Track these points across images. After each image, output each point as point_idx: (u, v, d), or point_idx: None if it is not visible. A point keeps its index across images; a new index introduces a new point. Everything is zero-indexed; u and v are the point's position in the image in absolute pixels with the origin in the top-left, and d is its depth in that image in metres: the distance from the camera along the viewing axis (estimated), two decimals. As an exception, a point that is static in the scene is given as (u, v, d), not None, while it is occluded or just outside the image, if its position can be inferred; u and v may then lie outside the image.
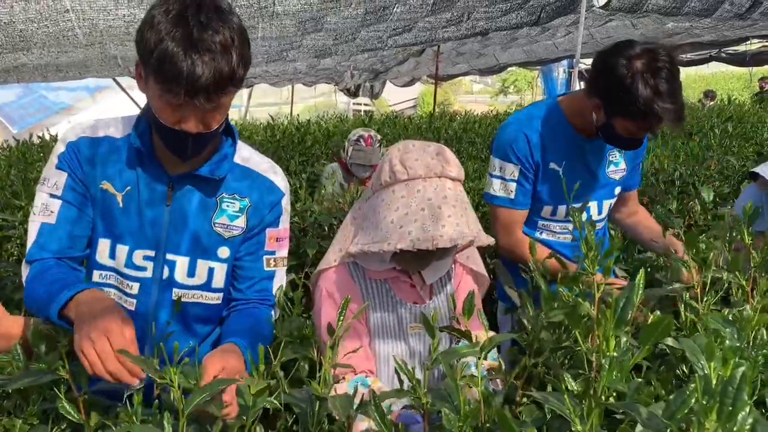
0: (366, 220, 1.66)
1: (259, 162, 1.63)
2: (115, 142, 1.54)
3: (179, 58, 1.26)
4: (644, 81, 1.86)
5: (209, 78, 1.27)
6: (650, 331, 0.78)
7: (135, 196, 1.53)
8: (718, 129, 4.28)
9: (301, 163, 5.39)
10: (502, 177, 2.21)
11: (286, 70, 10.81)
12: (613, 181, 2.30)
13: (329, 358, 1.09)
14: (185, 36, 1.27)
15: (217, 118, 1.40)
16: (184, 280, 1.57)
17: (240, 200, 1.58)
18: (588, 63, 11.99)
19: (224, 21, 1.32)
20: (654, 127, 1.95)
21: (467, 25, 7.19)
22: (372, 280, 1.70)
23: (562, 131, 2.19)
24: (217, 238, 1.57)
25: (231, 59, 1.30)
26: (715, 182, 3.66)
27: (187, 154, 1.43)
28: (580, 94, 2.20)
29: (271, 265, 1.64)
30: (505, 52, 11.77)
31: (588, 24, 7.99)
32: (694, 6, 6.64)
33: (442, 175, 1.56)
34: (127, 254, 1.54)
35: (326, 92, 21.68)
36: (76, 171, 1.52)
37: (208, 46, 1.28)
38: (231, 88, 1.34)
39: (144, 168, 1.53)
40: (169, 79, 1.28)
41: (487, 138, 6.62)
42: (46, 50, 5.39)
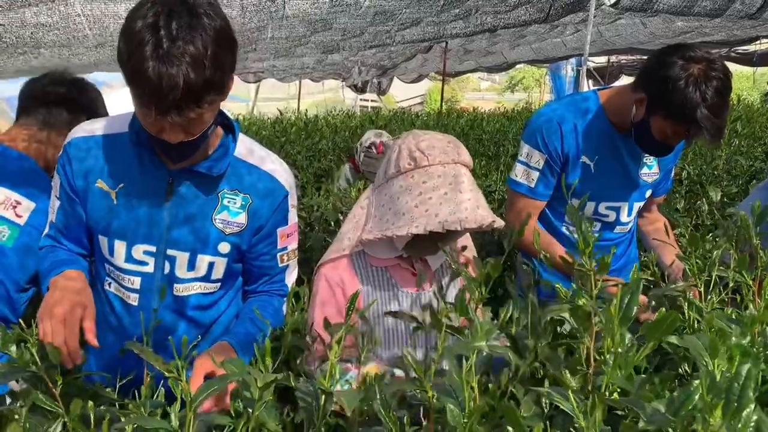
0: (380, 207, 1.69)
1: (261, 157, 1.61)
2: (113, 139, 1.54)
3: (147, 72, 1.22)
4: (696, 85, 1.85)
5: (179, 92, 1.22)
6: (656, 327, 0.78)
7: (134, 191, 1.52)
8: (727, 128, 4.25)
9: (308, 158, 5.39)
10: (527, 164, 2.18)
11: (294, 65, 10.81)
12: (645, 183, 2.26)
13: (335, 353, 1.09)
14: (155, 47, 1.22)
15: (199, 127, 1.36)
16: (184, 275, 1.58)
17: (242, 196, 1.57)
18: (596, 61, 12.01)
19: (197, 28, 1.25)
20: (690, 134, 1.92)
21: (475, 21, 7.16)
22: (373, 267, 1.75)
23: (599, 125, 2.15)
24: (217, 233, 1.56)
25: (205, 70, 1.24)
26: (723, 182, 3.64)
27: (174, 159, 1.44)
28: (622, 89, 2.17)
29: (284, 261, 1.67)
30: (513, 50, 11.72)
31: (597, 22, 7.95)
32: (705, 5, 6.59)
33: (457, 161, 1.64)
34: (126, 250, 1.54)
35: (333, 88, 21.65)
36: (68, 173, 1.54)
37: (177, 59, 1.22)
38: (208, 98, 1.29)
39: (143, 164, 1.52)
40: (140, 93, 1.26)
41: (494, 135, 6.61)
42: (57, 52, 5.42)
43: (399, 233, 1.60)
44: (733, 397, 0.67)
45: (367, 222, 1.72)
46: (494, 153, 5.67)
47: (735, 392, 0.67)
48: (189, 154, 1.44)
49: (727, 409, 0.68)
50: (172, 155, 1.43)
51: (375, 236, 1.65)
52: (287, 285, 1.69)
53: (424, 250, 1.72)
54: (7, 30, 4.35)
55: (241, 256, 1.63)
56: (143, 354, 1.09)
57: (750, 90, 19.30)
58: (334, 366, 1.05)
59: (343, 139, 6.27)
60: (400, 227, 1.60)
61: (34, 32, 4.46)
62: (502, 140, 6.29)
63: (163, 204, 1.52)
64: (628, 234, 2.36)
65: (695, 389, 0.71)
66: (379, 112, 10.07)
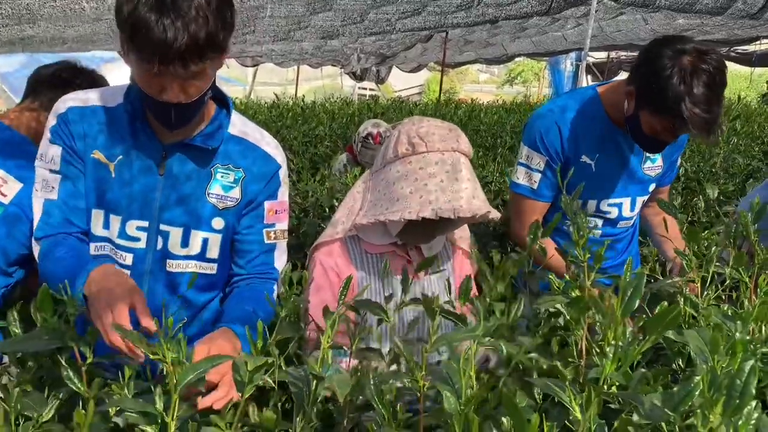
0: (376, 191, 1.68)
1: (255, 133, 1.61)
2: (108, 111, 1.51)
3: (151, 24, 1.21)
4: (682, 78, 1.76)
5: (183, 43, 1.22)
6: (657, 321, 0.77)
7: (127, 165, 1.50)
8: (726, 127, 4.25)
9: (304, 144, 5.37)
10: (528, 166, 2.14)
11: (293, 49, 10.74)
12: (648, 177, 2.22)
13: (328, 337, 1.08)
14: (158, 1, 1.22)
15: (199, 86, 1.35)
16: (178, 251, 1.55)
17: (235, 171, 1.56)
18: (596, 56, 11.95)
19: None
20: (676, 129, 1.85)
21: (477, 11, 7.12)
22: (368, 254, 1.73)
23: (599, 123, 2.11)
24: (211, 208, 1.54)
25: (208, 23, 1.24)
26: (720, 180, 3.64)
27: (171, 123, 1.40)
28: (619, 83, 2.12)
29: (271, 238, 1.63)
30: (513, 42, 11.67)
31: (598, 17, 7.91)
32: (707, 3, 6.57)
33: (456, 149, 1.62)
34: (120, 224, 1.52)
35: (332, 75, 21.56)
36: (68, 142, 1.50)
37: (181, 11, 1.22)
38: (210, 53, 1.28)
39: (137, 137, 1.50)
40: (142, 47, 1.24)
41: (492, 126, 6.59)
42: (53, 23, 5.35)
43: (392, 218, 1.59)
44: (734, 393, 0.66)
45: (362, 207, 1.71)
46: (491, 144, 5.66)
47: (737, 388, 0.66)
48: (187, 120, 1.42)
49: (728, 405, 0.66)
50: (169, 121, 1.39)
51: (368, 221, 1.64)
52: (276, 269, 1.64)
53: (418, 238, 1.70)
54: (3, 1, 4.29)
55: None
56: (127, 336, 1.07)
57: (747, 90, 19.32)
58: (327, 352, 1.03)
59: (340, 125, 6.23)
60: (393, 212, 1.59)
61: (30, 3, 4.40)
62: (500, 132, 6.27)
63: (156, 178, 1.50)
64: (631, 228, 2.33)
65: (696, 385, 0.70)
66: (377, 100, 10.03)
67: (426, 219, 1.56)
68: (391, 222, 1.62)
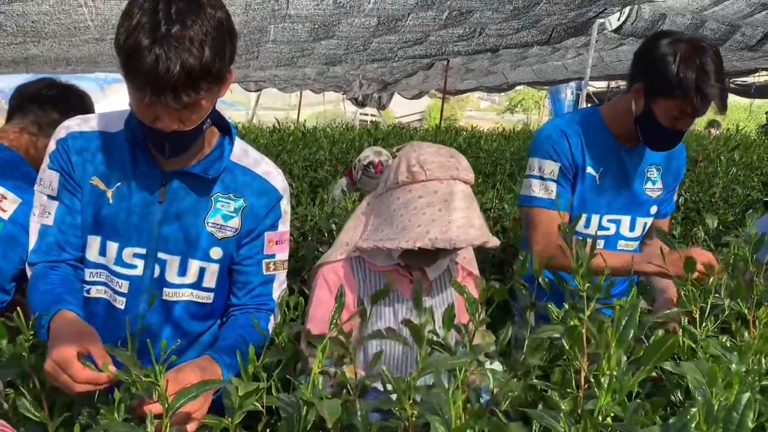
0: (378, 216, 1.70)
1: (257, 161, 1.58)
2: (108, 137, 1.50)
3: (144, 53, 1.19)
4: (688, 58, 1.84)
5: (175, 74, 1.19)
6: (653, 351, 0.75)
7: (126, 191, 1.48)
8: (725, 157, 4.26)
9: (305, 168, 5.37)
10: (541, 176, 2.10)
11: (296, 75, 10.84)
12: (649, 198, 2.20)
13: (319, 362, 1.06)
14: (152, 29, 1.20)
15: (194, 116, 1.32)
16: (174, 279, 1.53)
17: (235, 200, 1.53)
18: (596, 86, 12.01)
19: (198, 13, 1.23)
20: (697, 107, 1.88)
21: (478, 40, 7.19)
22: (372, 272, 1.75)
23: (603, 138, 2.12)
24: (209, 238, 1.52)
25: (203, 54, 1.21)
26: (719, 210, 3.63)
27: (165, 152, 1.38)
28: (619, 98, 2.15)
29: (270, 269, 1.60)
30: (514, 71, 11.79)
31: (599, 47, 8.00)
32: (706, 35, 6.65)
33: (456, 177, 1.63)
34: (117, 251, 1.50)
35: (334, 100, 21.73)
36: (65, 168, 1.49)
37: (176, 40, 1.19)
38: (205, 84, 1.25)
39: (137, 164, 1.48)
40: (135, 76, 1.22)
41: (491, 154, 6.60)
42: (57, 42, 5.39)
43: (390, 246, 1.60)
44: (731, 426, 0.65)
45: (364, 230, 1.72)
46: (491, 171, 5.67)
47: (733, 421, 0.65)
48: (182, 149, 1.40)
49: (725, 438, 0.65)
50: (166, 149, 1.37)
51: (369, 246, 1.65)
52: (273, 300, 1.60)
53: (419, 261, 1.71)
54: (8, 17, 4.33)
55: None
56: (119, 357, 1.06)
57: (746, 121, 19.45)
58: (317, 377, 1.01)
59: (340, 150, 6.25)
60: (392, 240, 1.60)
61: (35, 20, 4.44)
62: (500, 159, 6.28)
63: (156, 206, 1.49)
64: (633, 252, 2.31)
65: (692, 417, 0.69)
66: (377, 126, 10.08)
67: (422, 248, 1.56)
68: (379, 248, 1.64)
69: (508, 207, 3.71)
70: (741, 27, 6.63)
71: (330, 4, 4.75)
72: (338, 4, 4.77)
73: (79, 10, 4.32)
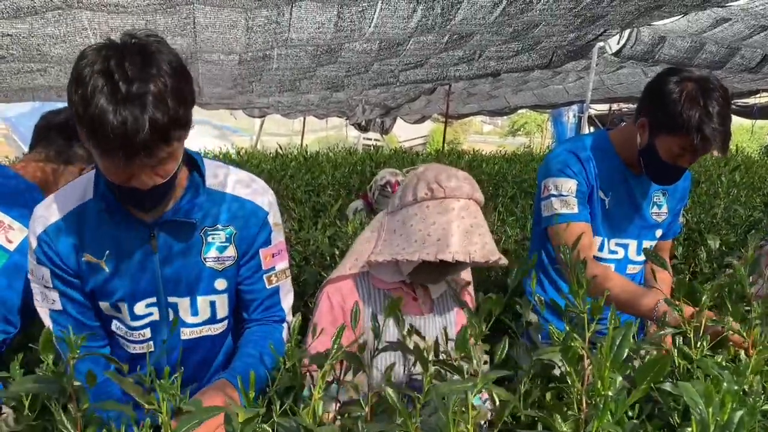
0: (391, 232, 1.74)
1: (233, 183, 1.56)
2: (78, 211, 1.48)
3: (109, 118, 1.16)
4: (695, 97, 1.86)
5: (147, 134, 1.17)
6: (646, 371, 0.76)
7: (118, 255, 1.48)
8: (726, 178, 4.26)
9: (307, 193, 5.39)
10: (560, 194, 2.11)
11: (299, 101, 10.93)
12: (655, 222, 2.23)
13: (320, 388, 1.07)
14: (112, 92, 1.16)
15: (169, 167, 1.31)
16: (188, 319, 1.55)
17: (224, 229, 1.53)
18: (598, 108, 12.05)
19: (152, 66, 1.21)
20: (696, 147, 1.89)
21: (479, 64, 7.26)
22: (376, 290, 1.79)
23: (611, 162, 2.15)
24: (211, 272, 1.54)
25: (168, 107, 1.20)
26: (721, 231, 3.63)
27: (146, 207, 1.39)
28: (627, 125, 2.16)
29: (273, 282, 1.62)
30: (515, 95, 11.88)
31: (599, 70, 8.06)
32: (706, 58, 6.71)
33: (471, 197, 1.69)
34: (129, 309, 1.52)
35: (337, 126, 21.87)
36: (55, 261, 1.47)
37: (138, 99, 1.17)
38: (176, 133, 1.24)
39: (118, 225, 1.47)
40: (104, 142, 1.19)
41: (494, 177, 6.62)
42: (63, 69, 5.46)
43: (410, 258, 1.63)
44: (725, 445, 0.65)
45: (377, 245, 1.76)
46: (493, 194, 5.68)
47: (727, 441, 0.65)
48: (161, 199, 1.39)
49: (719, 458, 0.65)
50: (145, 203, 1.37)
51: (385, 258, 1.68)
52: (283, 309, 1.64)
53: (426, 278, 1.76)
54: (14, 41, 4.38)
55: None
56: (122, 384, 1.05)
57: (748, 142, 19.48)
58: (318, 402, 1.02)
59: (343, 174, 6.28)
60: (411, 252, 1.64)
61: (40, 44, 4.49)
62: (501, 182, 6.30)
63: (152, 256, 1.49)
64: (638, 274, 2.32)
65: (686, 437, 0.69)
66: (379, 150, 10.13)
67: (441, 261, 1.60)
68: (405, 262, 1.68)
69: (510, 230, 3.71)
70: (740, 49, 6.68)
71: (331, 27, 4.82)
72: (339, 28, 4.84)
73: (84, 33, 4.40)
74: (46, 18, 4.10)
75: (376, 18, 4.74)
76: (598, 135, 2.22)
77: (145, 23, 4.30)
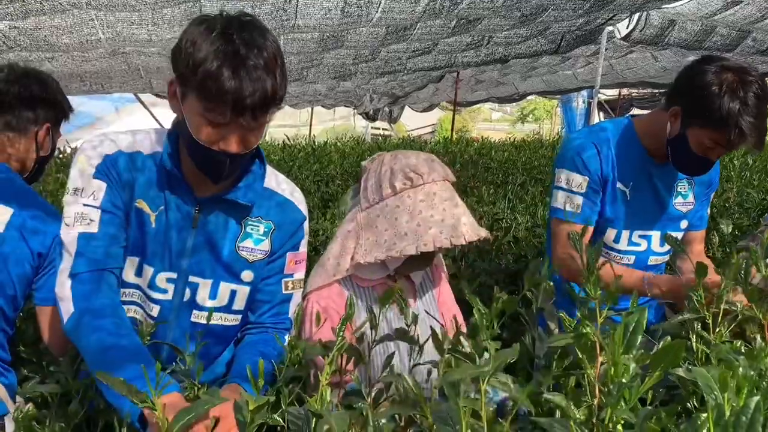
0: (372, 229, 1.68)
1: (281, 184, 1.62)
2: (145, 159, 1.50)
3: (226, 77, 1.24)
4: (734, 90, 1.80)
5: (256, 97, 1.26)
6: (661, 357, 0.75)
7: (164, 217, 1.49)
8: (738, 161, 4.22)
9: (316, 183, 5.40)
10: (569, 189, 2.08)
11: (306, 91, 10.92)
12: (680, 213, 2.17)
13: (327, 374, 1.07)
14: (232, 54, 1.25)
15: (255, 138, 1.38)
16: (205, 302, 1.54)
17: (264, 223, 1.56)
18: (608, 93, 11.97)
19: (266, 40, 1.31)
20: (732, 142, 1.84)
21: (487, 50, 7.21)
22: (360, 288, 1.75)
23: (633, 151, 2.09)
24: (241, 261, 1.54)
25: (276, 78, 1.30)
26: (734, 215, 3.60)
27: (222, 175, 1.40)
28: (655, 112, 2.12)
29: (288, 288, 1.63)
30: (524, 81, 11.80)
31: (608, 55, 7.99)
32: (716, 41, 6.62)
33: (446, 178, 1.69)
34: (152, 275, 1.51)
35: (345, 115, 21.84)
36: (115, 183, 1.46)
37: (254, 65, 1.26)
38: (274, 108, 1.33)
39: (172, 189, 1.49)
40: (215, 98, 1.26)
41: (503, 164, 6.59)
42: (70, 57, 5.48)
43: (408, 252, 1.61)
44: (740, 430, 0.64)
45: (359, 245, 1.69)
46: (502, 181, 5.66)
47: (743, 426, 0.64)
48: (235, 171, 1.44)
49: (736, 444, 0.64)
50: (220, 172, 1.39)
51: (377, 258, 1.64)
52: (290, 319, 1.63)
53: (416, 266, 1.74)
54: (21, 32, 4.42)
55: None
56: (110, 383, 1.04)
57: (761, 125, 19.28)
58: (326, 389, 1.02)
59: (351, 164, 6.27)
60: (406, 247, 1.61)
61: (47, 35, 4.54)
62: (511, 169, 6.27)
63: (189, 231, 1.50)
64: (662, 266, 2.27)
65: (702, 423, 0.68)
66: (386, 139, 10.11)
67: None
68: (392, 258, 1.65)
69: (520, 217, 3.70)
70: (752, 32, 6.59)
71: (338, 13, 4.81)
72: (346, 14, 4.82)
73: (90, 23, 4.42)
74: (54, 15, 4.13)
75: (383, 2, 4.71)
76: (620, 122, 2.16)
77: (151, 13, 4.29)
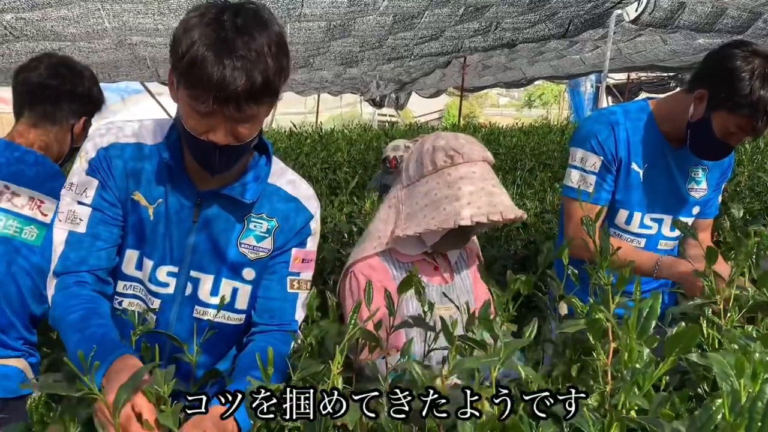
0: (413, 204, 1.79)
1: (291, 182, 1.55)
2: (145, 149, 1.46)
3: (209, 62, 1.18)
4: (763, 77, 1.80)
5: (241, 85, 1.19)
6: (674, 342, 0.74)
7: (164, 209, 1.46)
8: (749, 145, 4.18)
9: (323, 170, 5.39)
10: (583, 168, 2.10)
11: (313, 78, 10.86)
12: (693, 199, 2.17)
13: (338, 364, 1.06)
14: (219, 40, 1.19)
15: (249, 130, 1.30)
16: (207, 299, 1.51)
17: (268, 221, 1.51)
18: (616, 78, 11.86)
19: (262, 27, 1.24)
20: (758, 128, 1.85)
21: (494, 35, 7.15)
22: (399, 263, 1.84)
23: (650, 134, 2.10)
24: (243, 258, 1.50)
25: (267, 68, 1.21)
26: (745, 199, 3.57)
27: (214, 167, 1.35)
28: (675, 95, 2.12)
29: (294, 287, 1.55)
30: (531, 66, 11.69)
31: (616, 39, 7.90)
32: (727, 23, 6.54)
33: (485, 159, 1.79)
34: (152, 269, 1.48)
35: (351, 102, 21.77)
36: (107, 179, 1.44)
37: (242, 52, 1.19)
38: (266, 99, 1.25)
39: (173, 182, 1.45)
40: (198, 84, 1.20)
41: (511, 149, 6.56)
42: (77, 48, 5.48)
43: (445, 226, 1.68)
44: (756, 416, 0.63)
45: (399, 219, 1.80)
46: (511, 167, 5.63)
47: (759, 411, 0.63)
48: (228, 165, 1.38)
49: (751, 429, 0.63)
50: (212, 164, 1.35)
51: (415, 231, 1.73)
52: (296, 321, 1.55)
53: (450, 245, 1.82)
54: (27, 23, 4.44)
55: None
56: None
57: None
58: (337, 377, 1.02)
59: (358, 151, 6.27)
60: (443, 220, 1.69)
61: (54, 26, 4.55)
62: (519, 154, 6.25)
63: (189, 225, 1.47)
64: (672, 251, 2.26)
65: (717, 408, 0.67)
66: (393, 126, 10.08)
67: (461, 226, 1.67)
68: (429, 233, 1.74)
69: (529, 203, 3.68)
70: (763, 14, 6.50)
71: (344, 1, 4.78)
72: (353, 2, 4.79)
73: (96, 13, 4.42)
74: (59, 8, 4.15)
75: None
76: (638, 104, 2.16)
77: (157, 3, 4.28)
